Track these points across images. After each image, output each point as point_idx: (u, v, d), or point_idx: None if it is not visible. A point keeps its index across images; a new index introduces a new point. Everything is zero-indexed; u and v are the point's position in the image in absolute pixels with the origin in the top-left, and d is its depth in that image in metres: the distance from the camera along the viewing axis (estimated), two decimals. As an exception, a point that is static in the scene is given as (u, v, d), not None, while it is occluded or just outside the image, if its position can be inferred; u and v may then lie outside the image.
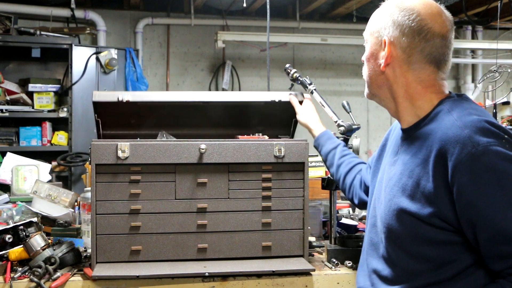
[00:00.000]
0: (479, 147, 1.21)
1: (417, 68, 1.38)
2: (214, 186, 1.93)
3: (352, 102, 1.91)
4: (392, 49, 1.39)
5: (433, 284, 1.31)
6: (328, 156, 1.96)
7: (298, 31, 6.10)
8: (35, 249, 1.84)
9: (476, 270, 1.28)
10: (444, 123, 1.31)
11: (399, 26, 1.37)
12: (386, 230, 1.39)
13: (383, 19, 1.41)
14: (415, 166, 1.34)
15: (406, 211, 1.33)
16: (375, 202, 1.51)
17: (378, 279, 1.44)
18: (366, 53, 1.47)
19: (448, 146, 1.25)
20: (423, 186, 1.30)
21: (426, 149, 1.31)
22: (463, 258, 1.29)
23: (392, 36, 1.38)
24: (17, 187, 3.23)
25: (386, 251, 1.41)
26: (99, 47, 5.08)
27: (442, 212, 1.26)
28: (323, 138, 1.99)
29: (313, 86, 2.18)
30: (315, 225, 2.33)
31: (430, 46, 1.36)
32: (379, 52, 1.42)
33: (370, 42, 1.45)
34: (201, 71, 6.13)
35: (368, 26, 1.48)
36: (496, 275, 1.26)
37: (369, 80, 1.48)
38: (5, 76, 4.83)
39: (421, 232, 1.30)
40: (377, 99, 1.51)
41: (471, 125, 1.25)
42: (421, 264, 1.32)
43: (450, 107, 1.35)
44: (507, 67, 3.09)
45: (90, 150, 1.86)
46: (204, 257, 1.91)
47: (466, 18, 5.46)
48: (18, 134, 4.77)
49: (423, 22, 1.36)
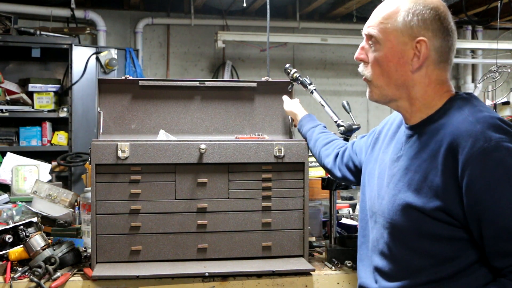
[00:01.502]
0: (491, 142, 1.21)
1: (441, 68, 1.37)
2: (214, 186, 1.93)
3: (352, 102, 1.91)
4: (429, 49, 1.34)
5: (435, 281, 1.30)
6: (307, 133, 2.01)
7: (298, 31, 6.10)
8: (35, 249, 1.84)
9: (479, 267, 1.28)
10: (456, 118, 1.30)
11: (431, 26, 1.33)
12: (390, 225, 1.39)
13: (410, 18, 1.33)
14: (422, 160, 1.33)
15: (411, 206, 1.32)
16: (373, 199, 1.50)
17: (379, 276, 1.43)
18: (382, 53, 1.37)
19: (460, 140, 1.24)
20: (430, 180, 1.29)
21: (435, 144, 1.31)
22: (466, 255, 1.28)
23: (428, 36, 1.33)
24: (17, 187, 3.23)
25: (387, 247, 1.40)
26: (99, 47, 5.07)
27: (448, 206, 1.26)
28: (305, 119, 2.06)
29: (313, 86, 2.18)
30: (315, 225, 2.33)
31: (453, 45, 1.36)
32: (405, 52, 1.34)
33: (389, 42, 1.35)
34: (201, 71, 6.13)
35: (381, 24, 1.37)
36: (498, 273, 1.26)
37: (387, 79, 1.38)
38: (5, 76, 4.82)
39: (425, 227, 1.30)
40: (385, 100, 1.43)
41: (483, 120, 1.25)
42: (423, 260, 1.32)
43: (461, 104, 1.34)
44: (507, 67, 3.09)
45: (90, 150, 1.86)
46: (204, 257, 1.91)
47: (466, 18, 5.46)
48: (18, 134, 4.77)
49: (448, 21, 1.35)
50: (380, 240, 1.44)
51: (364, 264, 1.54)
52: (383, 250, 1.42)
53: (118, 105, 2.18)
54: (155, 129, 2.19)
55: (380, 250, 1.43)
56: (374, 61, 1.39)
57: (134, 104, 2.19)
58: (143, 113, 2.20)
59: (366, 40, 1.42)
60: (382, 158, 1.52)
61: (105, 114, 2.16)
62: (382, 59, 1.37)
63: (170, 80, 2.23)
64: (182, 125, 2.23)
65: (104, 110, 2.16)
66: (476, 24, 6.26)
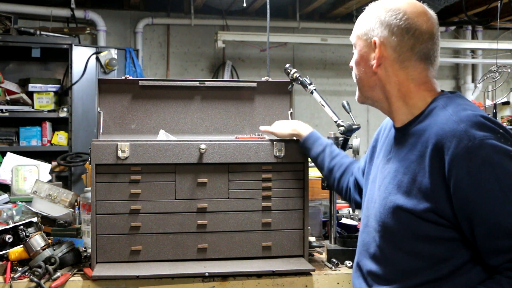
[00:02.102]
0: (475, 141, 1.22)
1: (408, 66, 1.39)
2: (214, 186, 1.93)
3: (352, 102, 1.91)
4: (382, 49, 1.39)
5: (430, 282, 1.30)
6: (317, 160, 1.92)
7: (298, 31, 6.10)
8: (35, 249, 1.84)
9: (473, 266, 1.28)
10: (440, 118, 1.31)
11: (387, 26, 1.38)
12: (381, 228, 1.39)
13: (369, 21, 1.42)
14: (410, 162, 1.34)
15: (402, 208, 1.33)
16: (368, 202, 1.51)
17: (373, 280, 1.43)
18: (355, 57, 1.47)
19: (445, 141, 1.25)
20: (419, 182, 1.30)
21: (421, 145, 1.32)
22: (460, 255, 1.29)
23: (382, 36, 1.39)
24: (17, 187, 3.23)
25: (379, 249, 1.41)
26: (99, 47, 5.08)
27: (438, 207, 1.27)
28: (309, 141, 1.94)
29: (313, 86, 2.18)
30: (315, 225, 2.33)
31: (419, 43, 1.37)
32: (369, 54, 1.43)
33: (358, 46, 1.46)
34: (201, 71, 6.13)
35: (354, 30, 1.48)
36: (493, 270, 1.26)
37: (361, 83, 1.48)
38: (5, 76, 4.82)
39: (417, 229, 1.30)
40: (369, 102, 1.51)
41: (466, 119, 1.26)
42: (417, 262, 1.32)
43: (445, 103, 1.35)
44: (507, 67, 3.09)
45: (90, 150, 1.86)
46: (204, 257, 1.91)
47: (466, 18, 5.46)
48: (18, 134, 4.77)
49: (410, 20, 1.37)
50: (371, 244, 1.44)
51: (357, 271, 1.53)
52: (376, 254, 1.42)
53: (118, 105, 2.18)
54: (155, 129, 2.19)
55: (372, 253, 1.44)
56: (352, 65, 1.51)
57: (134, 104, 2.19)
58: (143, 113, 2.20)
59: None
60: (376, 163, 1.55)
61: (105, 114, 2.16)
62: (356, 63, 1.49)
63: (170, 80, 2.23)
64: (182, 125, 2.23)
65: (104, 110, 2.16)
66: (476, 24, 6.26)
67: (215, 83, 2.28)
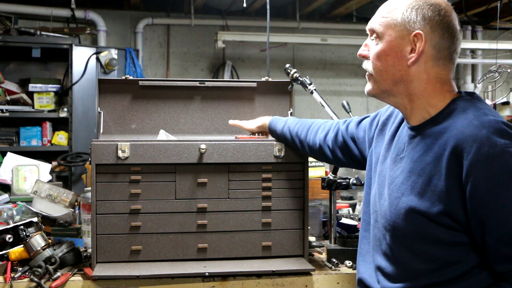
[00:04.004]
0: (496, 148, 1.21)
1: (441, 65, 1.36)
2: (214, 186, 1.93)
3: (352, 102, 1.91)
4: (425, 44, 1.35)
5: (436, 285, 1.31)
6: (284, 133, 1.92)
7: (298, 31, 6.10)
8: (35, 249, 1.84)
9: (480, 271, 1.28)
10: (460, 121, 1.29)
11: (430, 22, 1.34)
12: (391, 228, 1.38)
13: (408, 12, 1.35)
14: (426, 164, 1.32)
15: (415, 210, 1.32)
16: (375, 197, 1.50)
17: (382, 276, 1.43)
18: (381, 47, 1.38)
19: (465, 145, 1.24)
20: (434, 184, 1.29)
21: (439, 147, 1.30)
22: (468, 259, 1.28)
23: (424, 30, 1.34)
24: (17, 187, 3.23)
25: (389, 248, 1.40)
26: (99, 47, 5.08)
27: (452, 210, 1.26)
28: (272, 123, 1.99)
29: (313, 86, 2.18)
30: (315, 225, 2.33)
31: (454, 43, 1.36)
32: (403, 46, 1.36)
33: (388, 36, 1.37)
34: (201, 71, 6.13)
35: (380, 18, 1.40)
36: (499, 277, 1.26)
37: (383, 75, 1.39)
38: (6, 76, 4.83)
39: (428, 231, 1.30)
40: (384, 95, 1.43)
41: (488, 125, 1.24)
42: (425, 264, 1.32)
43: (465, 105, 1.33)
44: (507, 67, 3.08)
45: (90, 150, 1.86)
46: (204, 257, 1.92)
47: (466, 18, 5.46)
48: (18, 134, 4.78)
49: (449, 18, 1.35)
50: (382, 241, 1.44)
51: (365, 260, 1.54)
52: (386, 251, 1.42)
53: (118, 105, 2.18)
54: (155, 129, 2.19)
55: (383, 251, 1.43)
56: (374, 56, 1.40)
57: (134, 104, 2.19)
58: (143, 113, 2.20)
59: (369, 36, 1.44)
60: (384, 155, 1.51)
61: (105, 114, 2.16)
62: (381, 53, 1.38)
63: (170, 80, 2.23)
64: (182, 125, 2.23)
65: (104, 110, 2.16)
66: (476, 24, 6.26)
67: (215, 83, 2.28)
